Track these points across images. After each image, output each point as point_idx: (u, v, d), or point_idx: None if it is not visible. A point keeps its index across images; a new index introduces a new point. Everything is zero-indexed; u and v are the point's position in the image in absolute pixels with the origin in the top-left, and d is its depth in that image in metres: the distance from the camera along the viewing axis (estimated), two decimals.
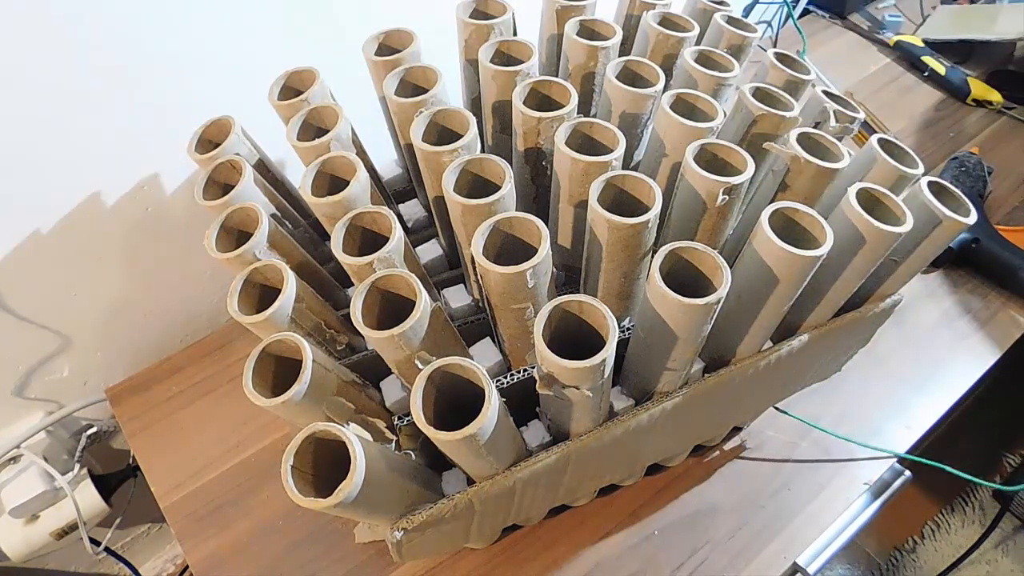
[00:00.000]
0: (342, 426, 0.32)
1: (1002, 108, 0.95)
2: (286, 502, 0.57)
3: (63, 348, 0.66)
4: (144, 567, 0.96)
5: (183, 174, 0.62)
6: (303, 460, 0.32)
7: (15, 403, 0.66)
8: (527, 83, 0.44)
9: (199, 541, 0.58)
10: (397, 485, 0.37)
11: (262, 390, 0.35)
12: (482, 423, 0.32)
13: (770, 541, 0.56)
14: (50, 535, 0.71)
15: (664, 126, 0.44)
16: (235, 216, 0.43)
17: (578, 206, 0.43)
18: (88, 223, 0.58)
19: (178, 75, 0.55)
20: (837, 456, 0.61)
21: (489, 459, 0.38)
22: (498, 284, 0.37)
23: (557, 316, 0.35)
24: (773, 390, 0.56)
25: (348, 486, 0.30)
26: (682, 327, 0.37)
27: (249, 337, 0.39)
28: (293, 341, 0.36)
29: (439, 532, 0.42)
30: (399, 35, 0.50)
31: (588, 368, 0.33)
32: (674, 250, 0.36)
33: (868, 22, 1.09)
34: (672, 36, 0.48)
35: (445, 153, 0.41)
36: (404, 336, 0.35)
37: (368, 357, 0.47)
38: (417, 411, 0.32)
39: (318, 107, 0.47)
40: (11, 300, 0.59)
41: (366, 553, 0.56)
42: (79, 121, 0.53)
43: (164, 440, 0.65)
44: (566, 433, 0.43)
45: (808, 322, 0.48)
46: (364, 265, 0.38)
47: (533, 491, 0.44)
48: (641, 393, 0.45)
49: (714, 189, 0.39)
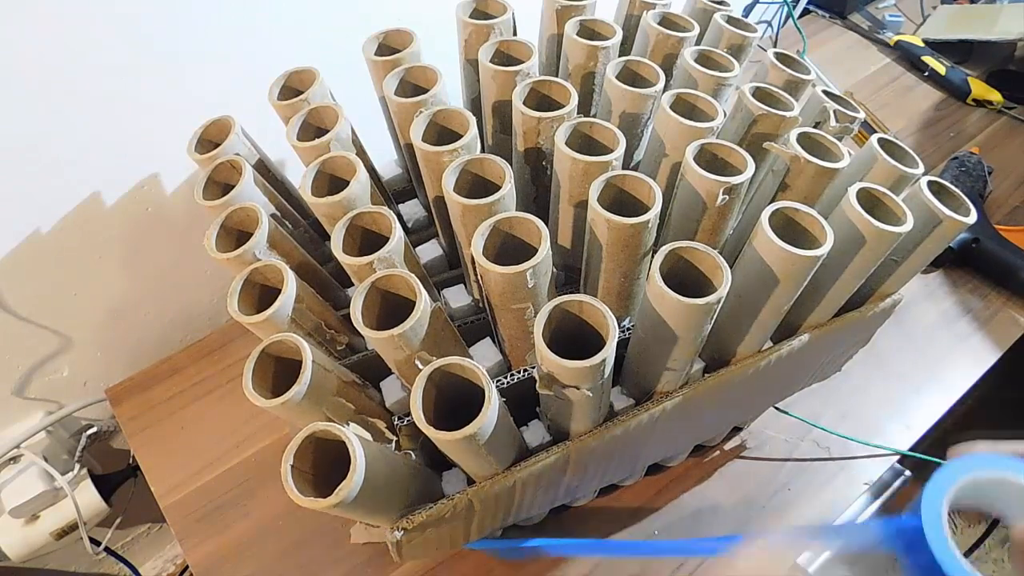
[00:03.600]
0: (342, 426, 0.32)
1: (1002, 108, 0.95)
2: (286, 502, 0.56)
3: (63, 348, 0.66)
4: (144, 567, 0.96)
5: (183, 174, 0.62)
6: (303, 460, 0.32)
7: (15, 403, 0.66)
8: (527, 83, 0.44)
9: (199, 541, 0.58)
10: (397, 485, 0.37)
11: (262, 391, 0.35)
12: (482, 423, 0.32)
13: None
14: (50, 535, 0.71)
15: (664, 126, 0.44)
16: (235, 216, 0.43)
17: (578, 206, 0.43)
18: (88, 223, 0.58)
19: (178, 75, 0.55)
20: (837, 456, 0.61)
21: (489, 459, 0.38)
22: (498, 284, 0.37)
23: (557, 316, 0.35)
24: (773, 390, 0.56)
25: (348, 486, 0.30)
26: (682, 327, 0.37)
27: (249, 337, 0.39)
28: (293, 342, 0.36)
29: (439, 532, 0.42)
30: (399, 35, 0.50)
31: (588, 368, 0.33)
32: (674, 250, 0.36)
33: (868, 22, 1.09)
34: (672, 36, 0.48)
35: (445, 153, 0.41)
36: (404, 336, 0.35)
37: (368, 357, 0.47)
38: (417, 411, 0.32)
39: (318, 107, 0.47)
40: (11, 300, 0.59)
41: (366, 553, 0.56)
42: (79, 121, 0.53)
43: (164, 440, 0.65)
44: (566, 433, 0.43)
45: (808, 322, 0.48)
46: (364, 265, 0.38)
47: (533, 491, 0.44)
48: (641, 393, 0.45)
49: (714, 189, 0.39)
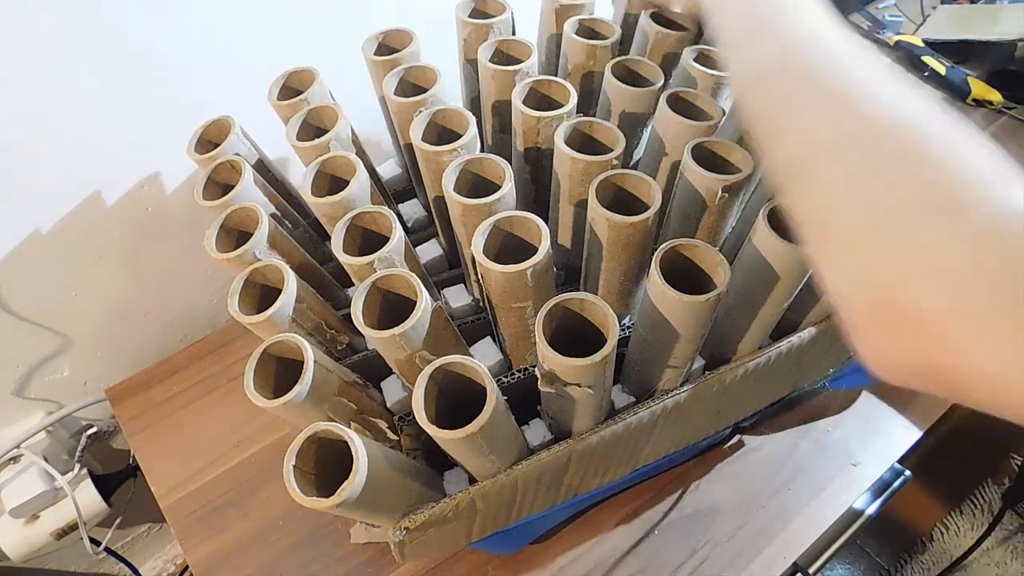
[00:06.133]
0: (343, 426, 0.32)
1: (1002, 108, 0.95)
2: (286, 502, 0.57)
3: (63, 348, 0.66)
4: (144, 567, 0.96)
5: (183, 174, 0.62)
6: (305, 460, 0.32)
7: (15, 403, 0.66)
8: (526, 82, 0.44)
9: (199, 541, 0.58)
10: (399, 484, 0.37)
11: (263, 391, 0.35)
12: (484, 421, 0.32)
13: (770, 541, 0.56)
14: (50, 535, 0.71)
15: (663, 125, 0.44)
16: (235, 216, 0.43)
17: (578, 205, 0.43)
18: (88, 223, 0.58)
19: (178, 75, 0.55)
20: (837, 456, 0.61)
21: (491, 457, 0.38)
22: (499, 283, 0.37)
23: (558, 314, 0.35)
24: (774, 387, 0.56)
25: (351, 485, 0.30)
26: (683, 324, 0.37)
27: (249, 337, 0.39)
28: (294, 342, 0.36)
29: (441, 532, 0.42)
30: (398, 35, 0.50)
31: (590, 365, 0.33)
32: (674, 247, 0.36)
33: (868, 22, 1.09)
34: (671, 35, 0.48)
35: (445, 153, 0.41)
36: (405, 336, 0.35)
37: (368, 357, 0.47)
38: (419, 410, 0.32)
39: (317, 107, 0.47)
40: (11, 300, 0.59)
41: (366, 553, 0.56)
42: (79, 121, 0.53)
43: (164, 440, 0.64)
44: (568, 431, 0.43)
45: (808, 319, 0.48)
46: (365, 265, 0.38)
47: (535, 489, 0.44)
48: (642, 391, 0.45)
49: (713, 187, 0.39)
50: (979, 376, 0.21)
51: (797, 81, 0.28)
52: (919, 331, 0.22)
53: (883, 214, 0.23)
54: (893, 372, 0.24)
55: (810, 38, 0.28)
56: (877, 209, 0.23)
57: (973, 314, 0.21)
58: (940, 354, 0.22)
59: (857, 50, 0.27)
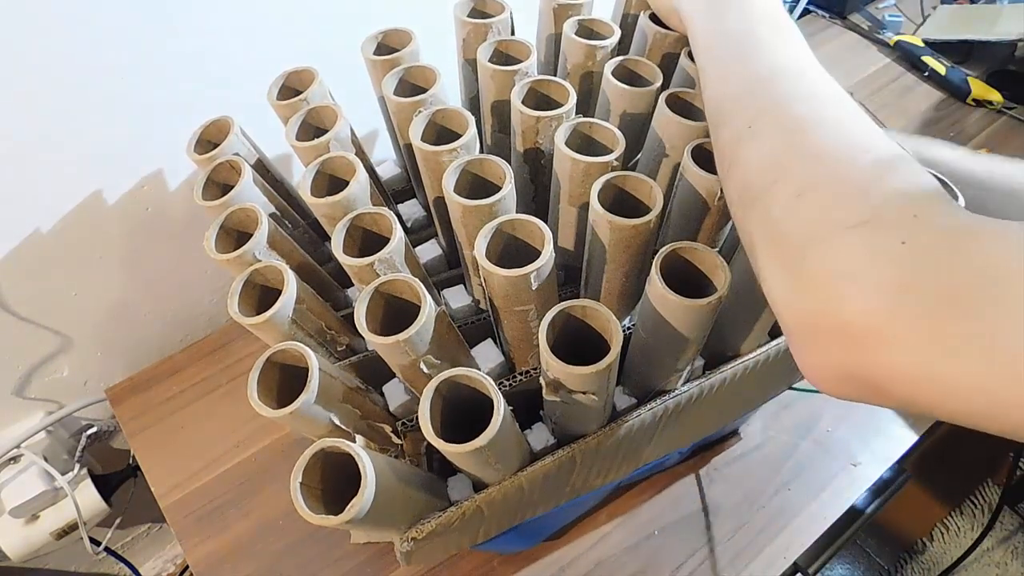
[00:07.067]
0: (348, 432, 0.32)
1: (1002, 108, 0.95)
2: (286, 502, 0.57)
3: (63, 348, 0.66)
4: (144, 567, 0.96)
5: (183, 174, 0.62)
6: (311, 476, 0.32)
7: (15, 403, 0.66)
8: (525, 82, 0.44)
9: (199, 541, 0.58)
10: (405, 496, 0.36)
11: (267, 400, 0.34)
12: (491, 435, 0.32)
13: (770, 541, 0.56)
14: (50, 535, 0.71)
15: (663, 125, 0.43)
16: (234, 216, 0.43)
17: (578, 206, 0.43)
18: (88, 223, 0.58)
19: (178, 75, 0.55)
20: (837, 456, 0.61)
21: (497, 466, 0.38)
22: (501, 287, 0.37)
23: (561, 321, 0.35)
24: (774, 384, 0.55)
25: (360, 501, 0.30)
26: (684, 327, 0.37)
27: (249, 337, 0.39)
28: (298, 350, 0.35)
29: (447, 538, 0.42)
30: (397, 35, 0.50)
31: (595, 373, 0.33)
32: (674, 250, 0.36)
33: (868, 22, 1.09)
34: (670, 35, 0.48)
35: (444, 153, 0.41)
36: (409, 342, 0.35)
37: (368, 358, 0.47)
38: (426, 424, 0.32)
39: (317, 107, 0.47)
40: (11, 300, 0.59)
41: (366, 553, 0.56)
42: (79, 121, 0.53)
43: (164, 440, 0.65)
44: (571, 435, 0.43)
45: None
46: (365, 266, 0.38)
47: (540, 493, 0.44)
48: (643, 392, 0.45)
49: (714, 188, 0.39)
50: (902, 377, 0.22)
51: (750, 116, 0.31)
52: (845, 337, 0.24)
53: (809, 234, 0.26)
54: (829, 382, 0.26)
55: (767, 76, 0.33)
56: (806, 229, 0.26)
57: (893, 316, 0.22)
58: (866, 357, 0.23)
59: (809, 84, 0.33)
